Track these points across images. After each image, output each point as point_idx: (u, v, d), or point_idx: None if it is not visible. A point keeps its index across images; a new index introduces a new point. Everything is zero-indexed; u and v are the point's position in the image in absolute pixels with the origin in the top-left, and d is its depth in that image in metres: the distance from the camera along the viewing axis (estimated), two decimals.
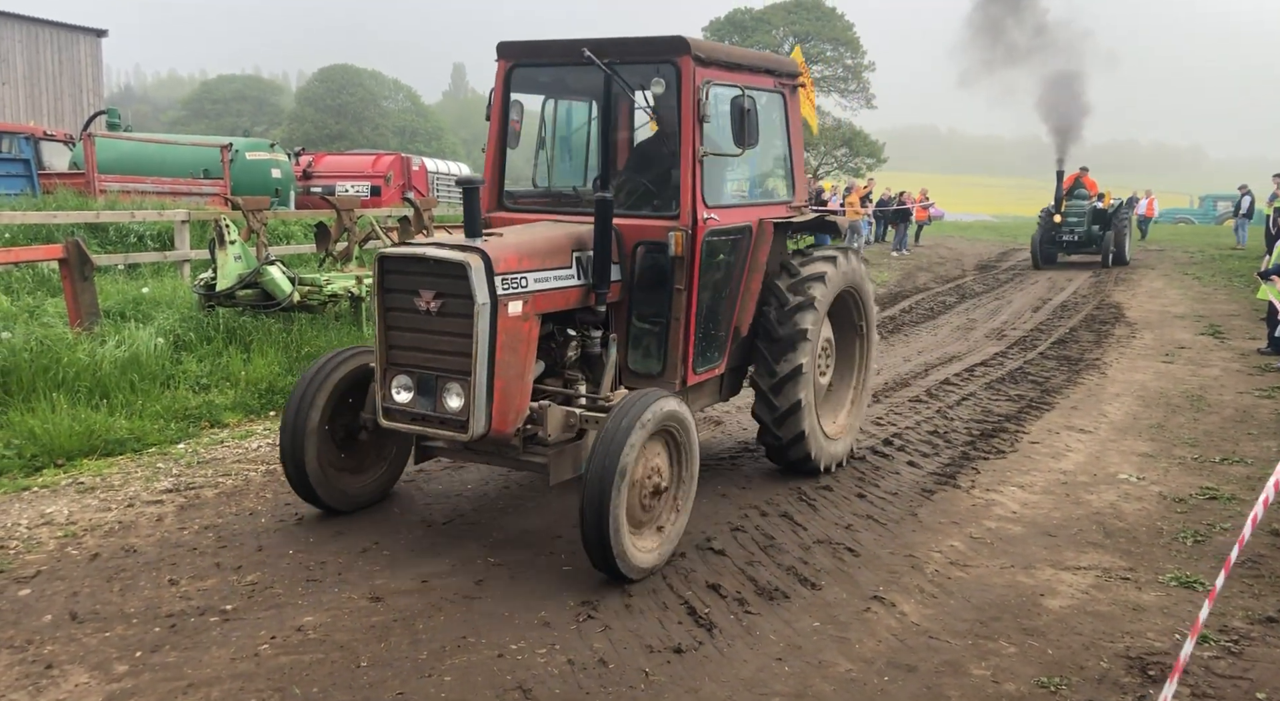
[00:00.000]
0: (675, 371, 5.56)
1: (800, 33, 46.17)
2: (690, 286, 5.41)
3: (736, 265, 5.92)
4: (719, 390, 6.35)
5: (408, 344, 4.88)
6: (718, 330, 5.89)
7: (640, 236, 5.51)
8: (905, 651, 4.21)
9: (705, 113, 5.33)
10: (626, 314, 5.62)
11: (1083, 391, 9.64)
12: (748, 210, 6.02)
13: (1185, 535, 5.66)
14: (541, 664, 3.99)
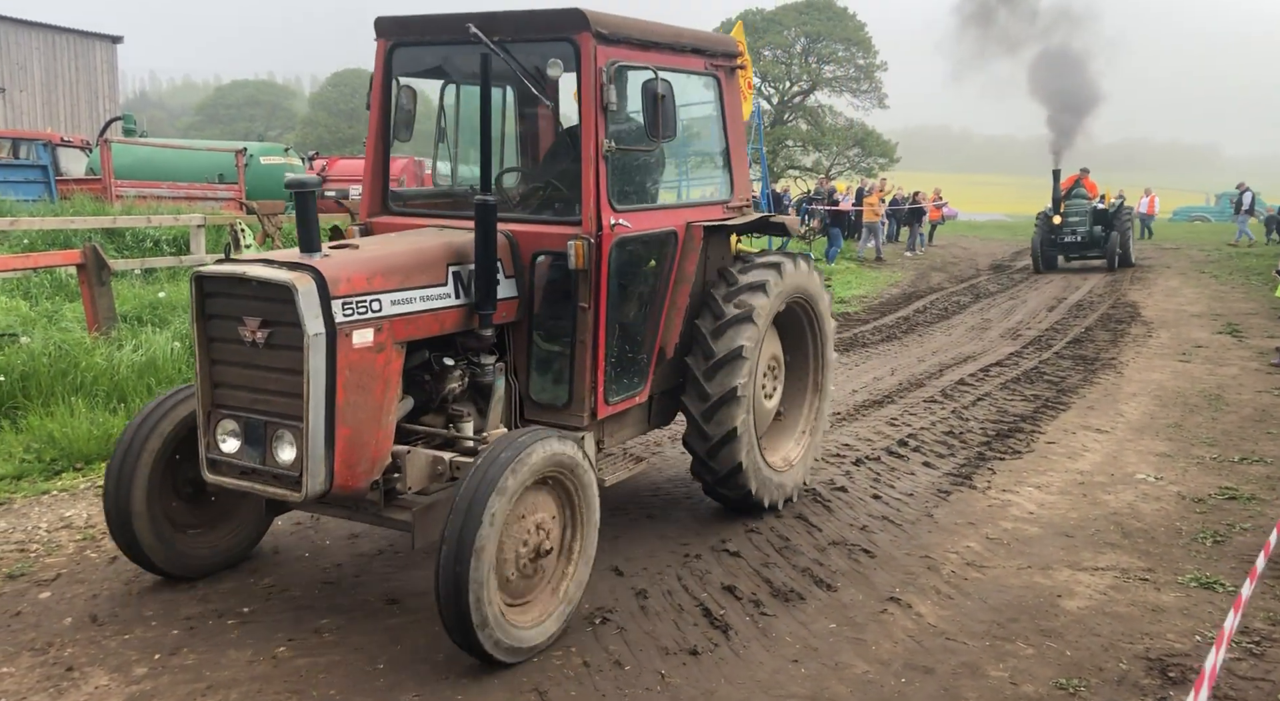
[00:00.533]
0: (583, 402, 4.71)
1: (812, 33, 46.12)
2: (597, 304, 4.59)
3: (658, 277, 5.14)
4: (646, 419, 5.46)
5: (234, 381, 4.07)
6: (637, 352, 5.06)
7: (538, 245, 4.70)
8: (922, 653, 4.19)
9: (609, 100, 4.51)
10: (527, 336, 4.80)
11: (1099, 391, 9.58)
12: (672, 213, 5.22)
13: (1205, 535, 5.61)
14: (557, 666, 3.99)
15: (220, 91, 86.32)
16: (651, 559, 5.14)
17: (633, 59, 4.77)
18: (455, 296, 4.47)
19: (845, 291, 17.86)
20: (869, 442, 7.54)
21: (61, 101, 32.61)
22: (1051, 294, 18.15)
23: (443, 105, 5.53)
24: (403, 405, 4.36)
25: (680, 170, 5.92)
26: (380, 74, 5.19)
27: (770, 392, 5.83)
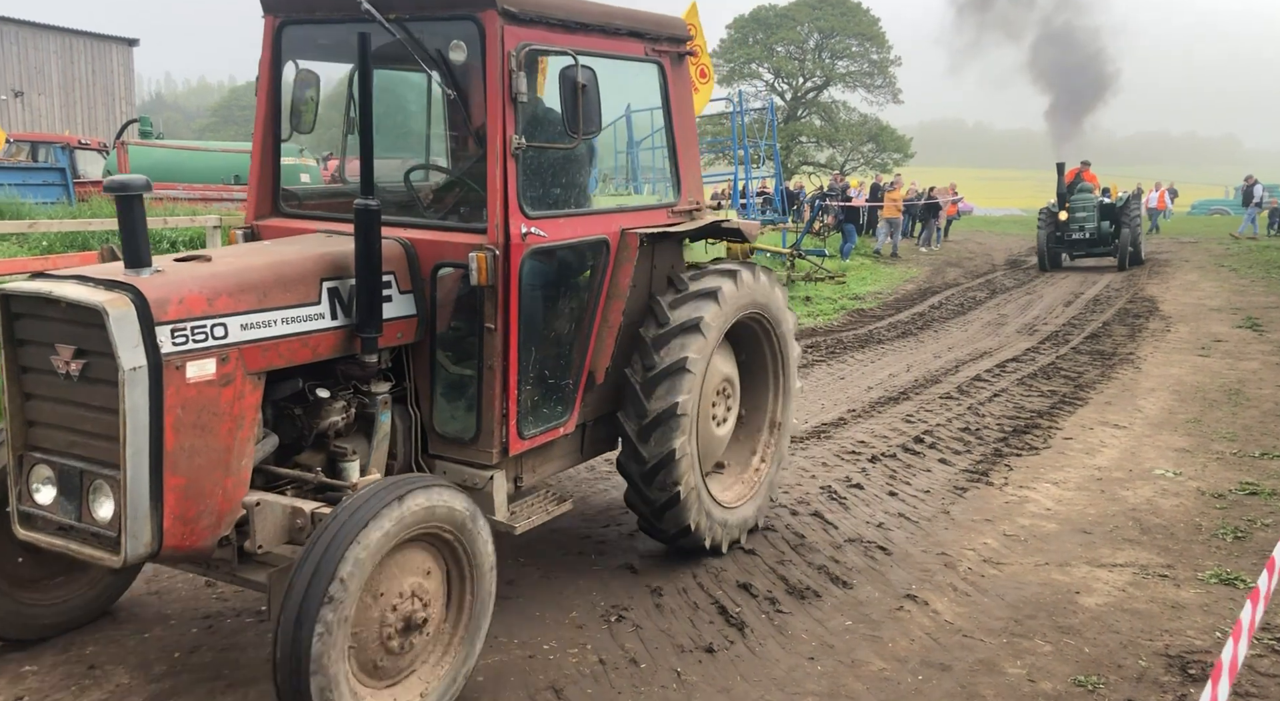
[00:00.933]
0: (493, 436, 4.07)
1: (825, 28, 45.99)
2: (506, 324, 3.97)
3: (586, 292, 4.51)
4: (578, 449, 4.84)
5: (49, 420, 3.43)
6: (560, 378, 4.42)
7: (440, 256, 4.04)
8: (939, 650, 4.17)
9: (519, 89, 3.90)
10: (429, 360, 4.16)
11: (1117, 386, 9.51)
12: (602, 219, 4.54)
13: (1225, 531, 5.57)
14: (573, 664, 4.00)
15: (235, 92, 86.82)
16: (666, 557, 5.13)
17: (550, 42, 4.13)
18: (332, 317, 3.81)
19: (860, 287, 17.80)
20: (885, 439, 7.51)
21: (79, 104, 32.87)
22: (1068, 289, 18.03)
23: (351, 92, 4.77)
24: (264, 445, 3.71)
25: (616, 170, 5.48)
26: (268, 55, 4.53)
27: (722, 419, 5.13)
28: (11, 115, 29.83)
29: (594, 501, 5.98)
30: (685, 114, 5.07)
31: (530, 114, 4.24)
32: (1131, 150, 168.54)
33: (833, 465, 6.84)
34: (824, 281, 16.63)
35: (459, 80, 4.13)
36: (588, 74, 3.97)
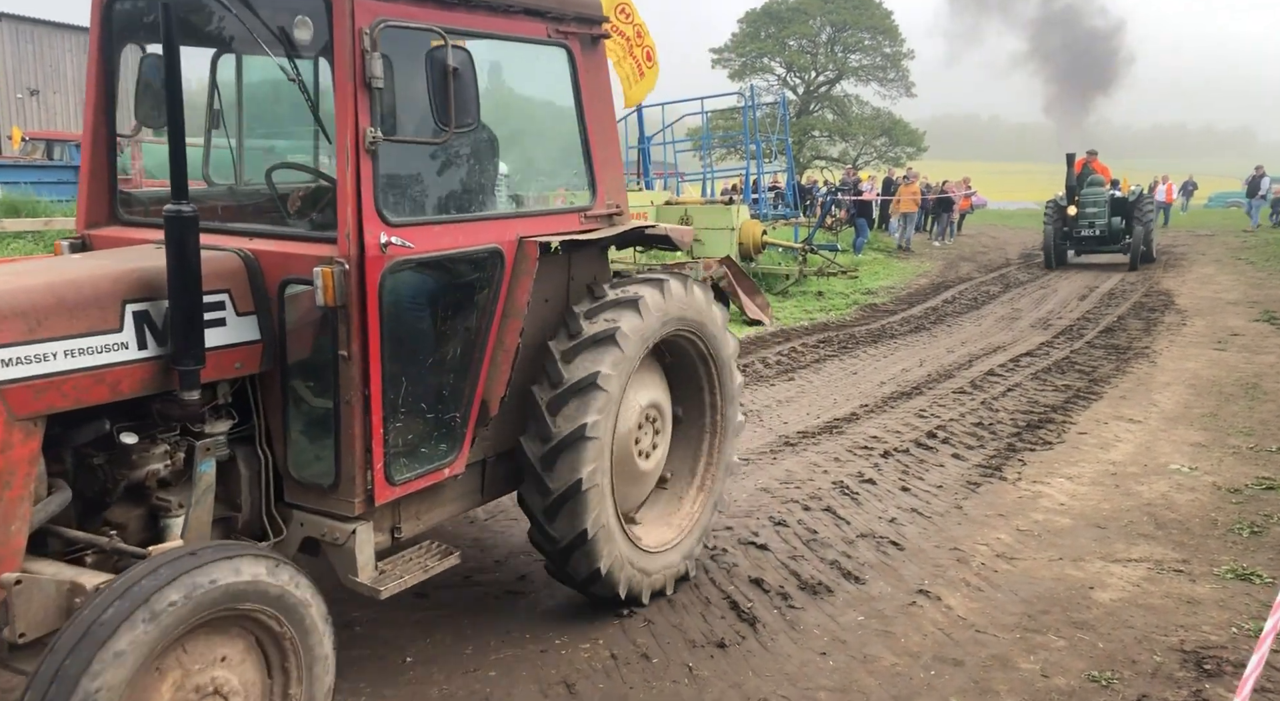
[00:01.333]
0: (354, 483, 3.44)
1: (838, 22, 45.81)
2: (365, 352, 3.35)
3: (475, 310, 3.84)
4: (477, 489, 4.21)
5: None
6: (443, 411, 3.78)
7: (288, 270, 3.41)
8: (951, 645, 4.16)
9: (373, 73, 3.30)
10: (280, 393, 3.51)
11: (1132, 380, 9.45)
12: (494, 226, 3.87)
13: (1241, 526, 5.53)
14: (585, 659, 4.00)
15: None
16: None
17: (416, 18, 3.50)
18: (139, 346, 3.16)
19: (873, 282, 17.74)
20: (897, 435, 7.49)
21: None
22: (1083, 282, 17.93)
23: (215, 81, 4.22)
24: (48, 504, 3.05)
25: (516, 170, 4.61)
26: (96, 35, 3.89)
27: (648, 451, 4.51)
28: (27, 113, 30.05)
29: None
30: (601, 106, 4.43)
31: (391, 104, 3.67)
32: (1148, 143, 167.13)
33: (845, 460, 6.82)
34: (836, 276, 16.58)
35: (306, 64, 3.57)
36: (461, 57, 3.37)
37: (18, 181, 15.92)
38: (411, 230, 3.50)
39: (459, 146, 3.88)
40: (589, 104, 4.36)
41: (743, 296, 15.22)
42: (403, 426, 3.59)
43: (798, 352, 11.07)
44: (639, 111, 20.31)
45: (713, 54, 47.97)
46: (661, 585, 4.55)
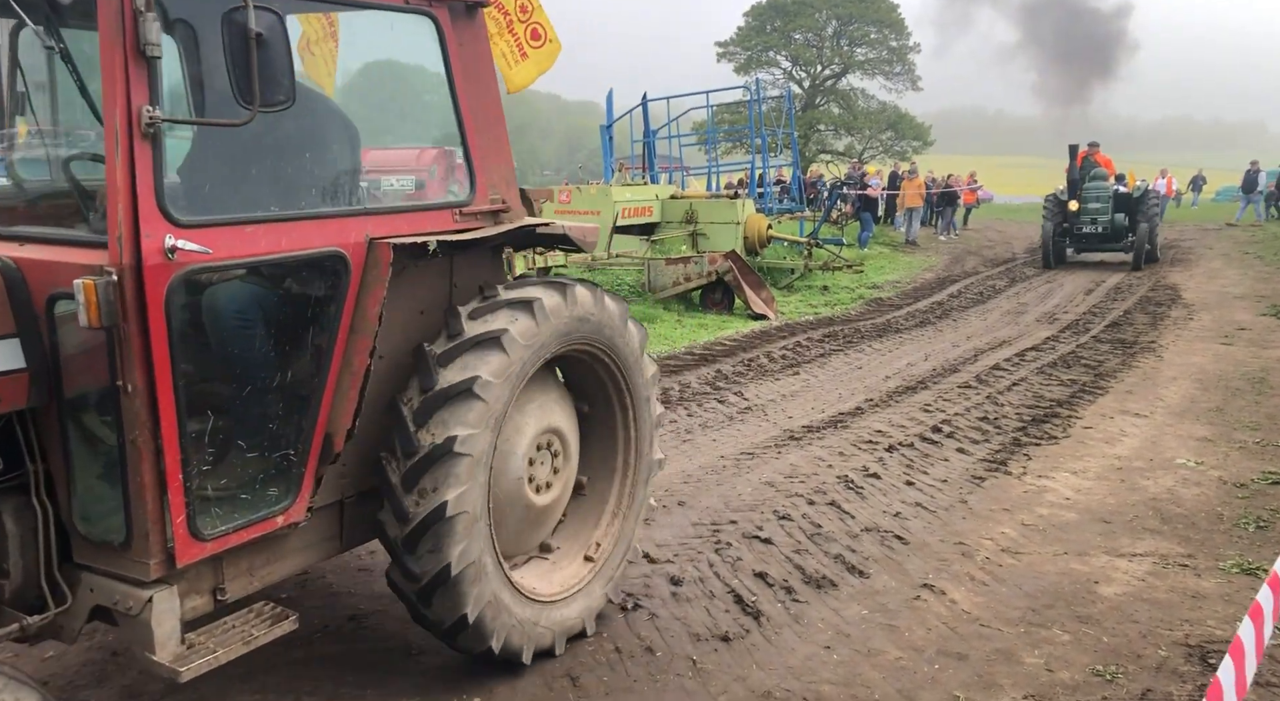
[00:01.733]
0: (149, 541, 2.86)
1: (843, 15, 45.66)
2: (149, 383, 2.77)
3: (311, 328, 3.23)
4: (335, 535, 3.58)
5: None
6: (274, 449, 3.19)
7: (53, 282, 2.82)
8: (956, 639, 4.16)
9: (148, 39, 2.67)
10: (59, 432, 2.94)
11: (1138, 375, 9.43)
12: (336, 226, 3.22)
13: (1247, 521, 5.52)
14: (589, 652, 4.01)
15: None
16: (683, 545, 5.14)
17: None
18: None
19: (878, 276, 17.72)
20: (902, 429, 7.49)
21: None
22: (1089, 277, 17.89)
23: (16, 57, 3.64)
24: None
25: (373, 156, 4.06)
26: None
27: (544, 484, 3.90)
28: None
29: None
30: (480, 83, 3.80)
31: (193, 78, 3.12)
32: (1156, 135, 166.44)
33: (850, 455, 6.82)
34: (842, 270, 16.56)
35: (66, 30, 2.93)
36: (267, 19, 2.74)
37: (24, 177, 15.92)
38: (212, 232, 2.85)
39: (283, 129, 3.18)
40: (465, 83, 3.72)
41: (748, 291, 15.29)
42: (214, 470, 3.02)
43: (803, 347, 11.06)
44: (644, 105, 20.29)
45: (718, 48, 47.88)
46: (550, 642, 3.87)
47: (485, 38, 3.89)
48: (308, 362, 3.24)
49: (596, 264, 14.32)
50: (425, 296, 3.68)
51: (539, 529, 4.00)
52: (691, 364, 10.02)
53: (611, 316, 3.98)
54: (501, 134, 3.95)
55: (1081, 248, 19.61)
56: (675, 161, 23.36)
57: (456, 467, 3.34)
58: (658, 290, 13.75)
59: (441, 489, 3.34)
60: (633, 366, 4.15)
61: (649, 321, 12.46)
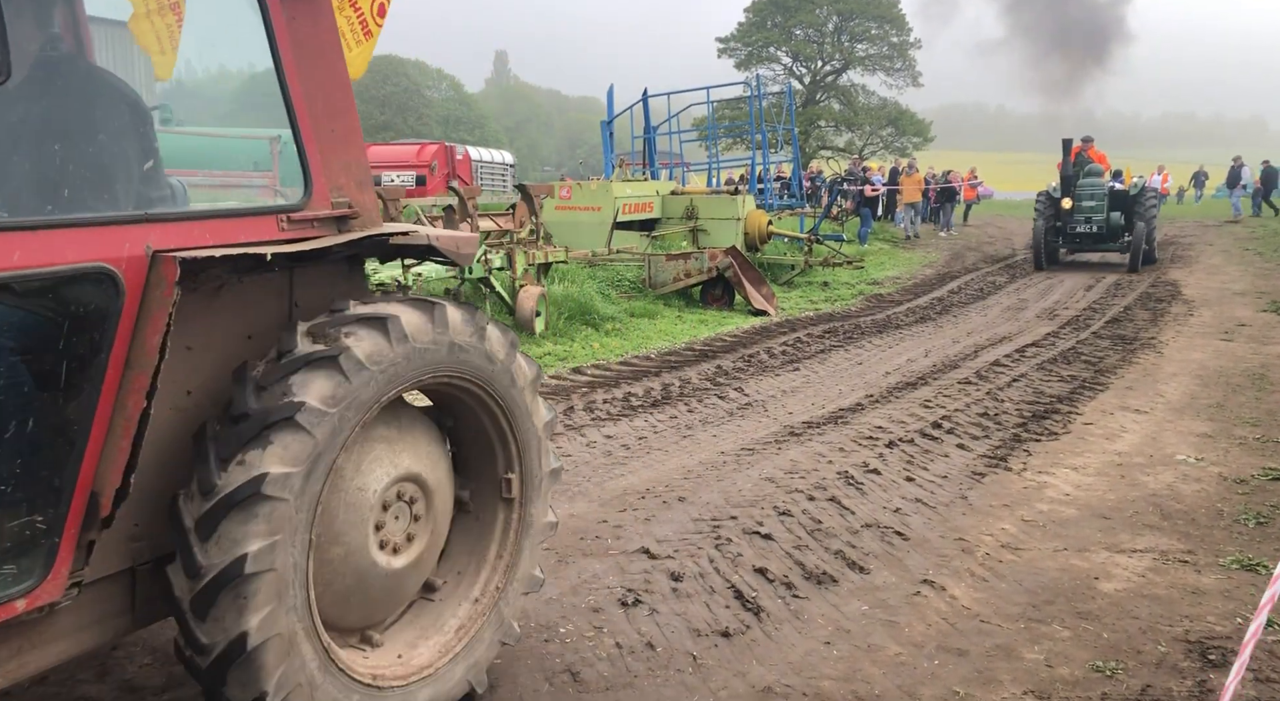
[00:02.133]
0: None
1: (844, 11, 45.62)
2: None
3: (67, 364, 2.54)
4: (125, 609, 2.87)
5: None
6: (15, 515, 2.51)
7: None
8: (955, 635, 4.16)
9: None
10: None
11: (1138, 371, 9.43)
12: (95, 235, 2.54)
13: (1247, 517, 5.52)
14: (589, 647, 4.01)
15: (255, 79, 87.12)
16: (683, 541, 5.14)
17: None
18: None
19: (878, 272, 17.71)
20: (902, 425, 7.49)
21: None
22: (1089, 273, 17.88)
23: None
24: None
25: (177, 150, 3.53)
26: None
27: (399, 545, 3.21)
28: None
29: (609, 487, 6.00)
30: (321, 61, 3.20)
31: None
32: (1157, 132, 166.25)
33: (850, 450, 6.82)
34: (842, 267, 16.57)
35: None
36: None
37: None
38: None
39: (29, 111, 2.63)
40: (295, 62, 3.10)
41: (748, 287, 15.31)
42: None
43: (803, 343, 11.06)
44: (645, 101, 20.27)
45: (719, 43, 47.82)
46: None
47: (324, 10, 3.28)
48: (64, 406, 2.55)
49: (597, 260, 14.32)
50: (256, 318, 3.05)
51: (393, 595, 3.25)
52: (692, 359, 10.03)
53: (494, 347, 3.33)
54: (351, 124, 3.29)
55: (1075, 248, 18.81)
56: (676, 157, 23.36)
57: (265, 513, 2.67)
58: (658, 286, 13.75)
59: (243, 539, 2.65)
60: (519, 409, 3.49)
61: (650, 317, 12.46)
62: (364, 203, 3.28)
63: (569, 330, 11.19)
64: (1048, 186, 18.91)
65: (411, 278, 9.85)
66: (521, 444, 3.56)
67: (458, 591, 3.58)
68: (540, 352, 10.07)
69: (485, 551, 3.64)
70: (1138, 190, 18.24)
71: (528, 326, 10.63)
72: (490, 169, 27.96)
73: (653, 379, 9.08)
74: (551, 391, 8.46)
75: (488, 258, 10.74)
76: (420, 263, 10.36)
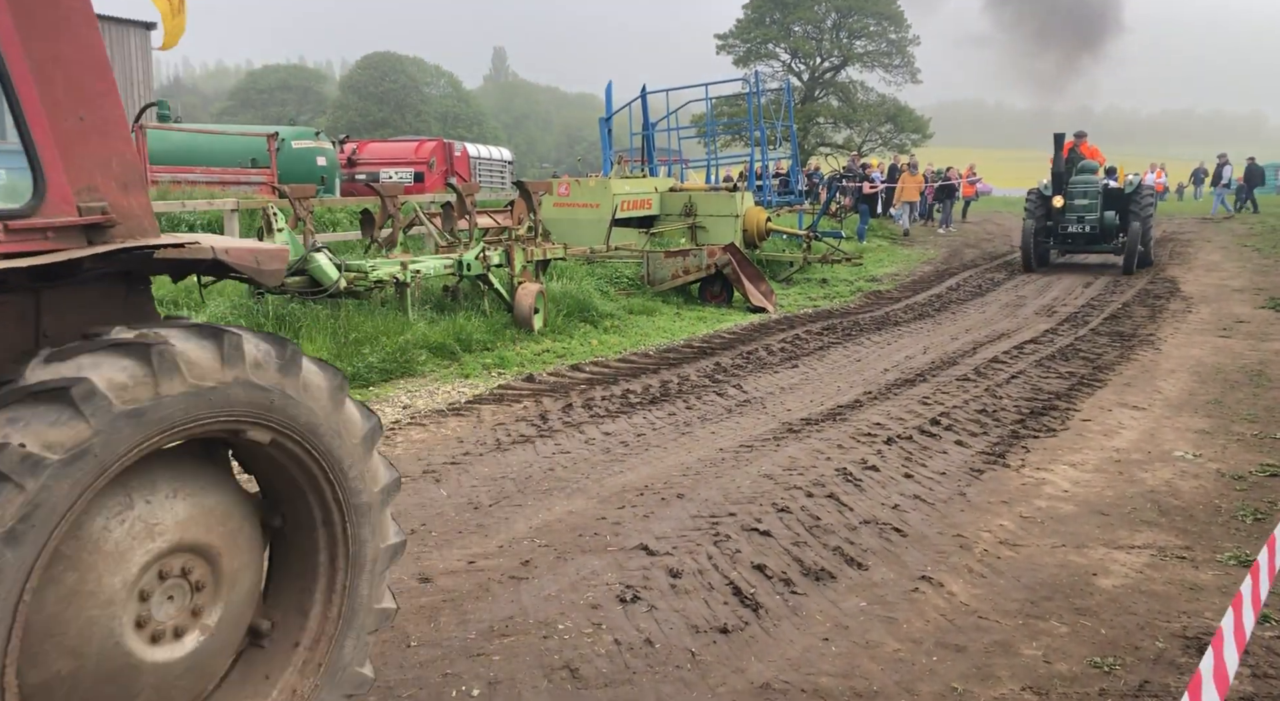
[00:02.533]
0: None
1: (843, 7, 45.57)
2: None
3: None
4: None
5: None
6: None
7: None
8: (954, 631, 4.17)
9: None
10: None
11: (1136, 368, 9.44)
12: None
13: (1245, 513, 5.53)
14: (588, 644, 4.02)
15: (252, 76, 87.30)
16: (682, 538, 5.15)
17: None
18: None
19: (877, 269, 17.71)
20: (900, 421, 7.49)
21: None
22: (1087, 271, 17.87)
23: None
24: None
25: None
26: None
27: (173, 630, 2.51)
28: None
29: (608, 484, 6.00)
30: (55, 35, 2.57)
31: None
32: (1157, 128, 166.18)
33: (849, 447, 6.83)
34: (840, 263, 16.57)
35: None
36: None
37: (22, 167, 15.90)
38: None
39: None
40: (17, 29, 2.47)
41: (746, 284, 15.31)
42: None
43: (801, 340, 11.06)
44: (643, 98, 20.26)
45: (718, 40, 47.77)
46: None
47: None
48: None
49: (596, 257, 14.32)
50: None
51: (165, 691, 2.54)
52: (690, 356, 10.03)
53: (312, 390, 2.69)
54: (109, 112, 2.69)
55: (1067, 249, 18.02)
56: (674, 154, 23.35)
57: None
58: (656, 283, 13.75)
59: None
60: (347, 466, 2.81)
61: (648, 315, 12.46)
62: (129, 208, 2.70)
63: (567, 327, 11.19)
64: (1039, 184, 18.11)
65: (409, 274, 9.85)
66: (348, 507, 2.86)
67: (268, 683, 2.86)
68: (539, 350, 10.07)
69: (298, 632, 2.91)
70: (1133, 188, 17.49)
71: (526, 323, 10.63)
72: (488, 166, 27.96)
73: (651, 376, 9.08)
74: (550, 388, 8.46)
75: (486, 254, 10.74)
76: (419, 262, 10.36)
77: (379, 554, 2.99)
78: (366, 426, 2.89)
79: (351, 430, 2.83)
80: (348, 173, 22.72)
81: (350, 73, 79.86)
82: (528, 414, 7.62)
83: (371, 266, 9.60)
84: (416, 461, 6.39)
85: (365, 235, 11.05)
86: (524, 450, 6.66)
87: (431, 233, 11.85)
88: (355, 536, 2.90)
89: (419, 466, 6.28)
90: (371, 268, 9.57)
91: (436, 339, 9.52)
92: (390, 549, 3.03)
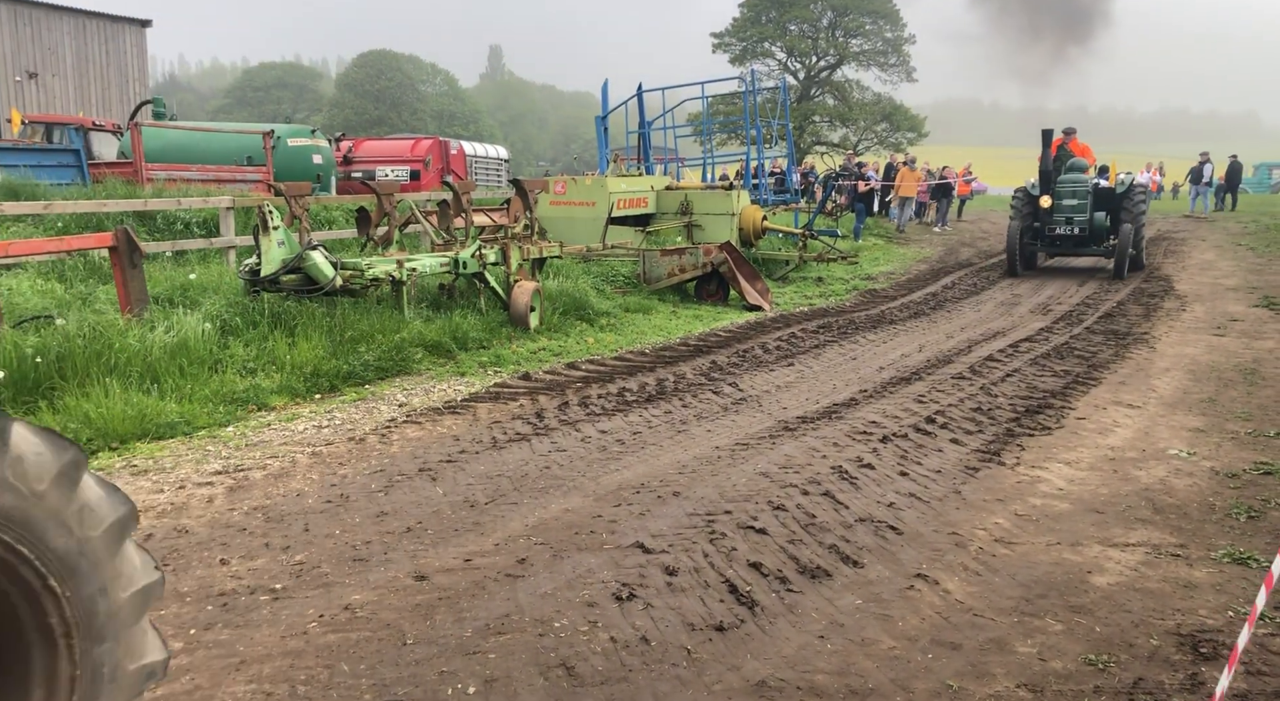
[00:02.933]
0: None
1: (839, 6, 45.57)
2: None
3: None
4: None
5: None
6: None
7: None
8: (949, 629, 4.18)
9: None
10: None
11: (1131, 366, 9.46)
12: None
13: (1239, 511, 5.54)
14: (584, 641, 4.02)
15: (248, 74, 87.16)
16: (677, 536, 5.15)
17: None
18: None
19: (873, 267, 17.73)
20: (896, 420, 7.50)
21: (93, 86, 32.98)
22: (1082, 269, 17.90)
23: None
24: None
25: None
26: None
27: None
28: (26, 97, 29.96)
29: (604, 481, 6.01)
30: None
31: None
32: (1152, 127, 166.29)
33: (844, 445, 6.83)
34: (836, 262, 16.58)
35: None
36: None
37: (17, 165, 15.89)
38: None
39: None
40: None
41: (742, 282, 15.32)
42: None
43: (797, 338, 11.07)
44: (639, 96, 20.24)
45: (713, 38, 47.75)
46: None
47: None
48: None
49: (592, 255, 14.32)
50: None
51: None
52: (686, 355, 10.03)
53: (24, 469, 2.05)
54: None
55: (1055, 251, 17.14)
56: (670, 153, 23.34)
57: None
58: (653, 281, 13.75)
59: None
60: (80, 571, 2.16)
61: (644, 313, 12.46)
62: None
63: (563, 325, 11.19)
64: (1025, 183, 17.28)
65: (405, 272, 9.84)
66: (87, 627, 2.18)
67: None
68: (535, 348, 10.07)
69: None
70: (1124, 188, 16.64)
71: (522, 321, 10.63)
72: (484, 164, 27.93)
73: (647, 374, 9.08)
74: (546, 386, 8.46)
75: (482, 253, 10.73)
76: (417, 258, 10.36)
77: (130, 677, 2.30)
78: (115, 513, 2.25)
79: (89, 520, 2.19)
80: (343, 170, 22.70)
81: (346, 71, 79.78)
82: (524, 412, 7.62)
83: (367, 264, 9.59)
84: (412, 459, 6.39)
85: (361, 233, 11.05)
86: (520, 448, 6.66)
87: (427, 231, 11.84)
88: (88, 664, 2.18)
89: (415, 464, 6.28)
90: (367, 266, 9.56)
91: (432, 337, 9.52)
92: (145, 669, 2.32)
